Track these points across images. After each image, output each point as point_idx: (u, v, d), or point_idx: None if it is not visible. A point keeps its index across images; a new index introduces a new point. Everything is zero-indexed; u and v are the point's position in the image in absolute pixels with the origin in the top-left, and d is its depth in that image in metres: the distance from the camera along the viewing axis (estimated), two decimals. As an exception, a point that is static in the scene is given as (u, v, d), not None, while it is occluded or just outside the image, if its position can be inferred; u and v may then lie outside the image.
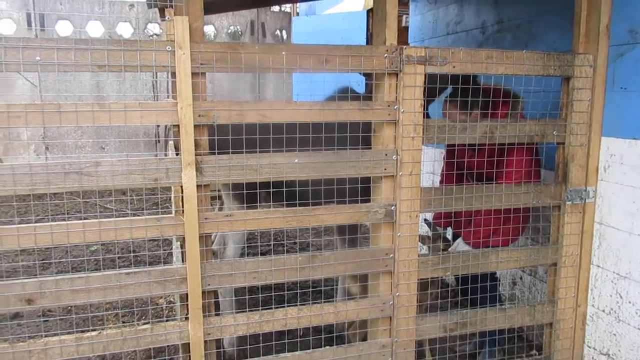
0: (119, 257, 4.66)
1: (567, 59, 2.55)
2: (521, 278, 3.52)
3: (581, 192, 2.66)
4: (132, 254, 4.58)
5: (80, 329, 2.18)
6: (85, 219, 2.09)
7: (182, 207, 2.12)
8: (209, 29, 9.26)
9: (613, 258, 2.62)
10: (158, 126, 8.20)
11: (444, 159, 3.25)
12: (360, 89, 3.17)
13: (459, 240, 2.85)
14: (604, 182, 2.65)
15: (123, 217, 2.12)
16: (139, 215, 2.16)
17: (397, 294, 2.45)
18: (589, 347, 2.78)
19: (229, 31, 9.35)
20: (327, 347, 2.44)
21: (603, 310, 2.69)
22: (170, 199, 2.74)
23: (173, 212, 2.15)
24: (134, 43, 2.02)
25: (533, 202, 2.61)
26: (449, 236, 3.13)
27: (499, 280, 3.02)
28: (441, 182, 3.22)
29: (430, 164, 4.20)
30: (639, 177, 2.46)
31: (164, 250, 4.50)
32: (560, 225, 2.68)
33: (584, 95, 2.60)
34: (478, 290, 2.72)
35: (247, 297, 2.35)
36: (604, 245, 2.66)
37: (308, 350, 2.40)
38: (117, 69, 2.02)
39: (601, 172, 2.66)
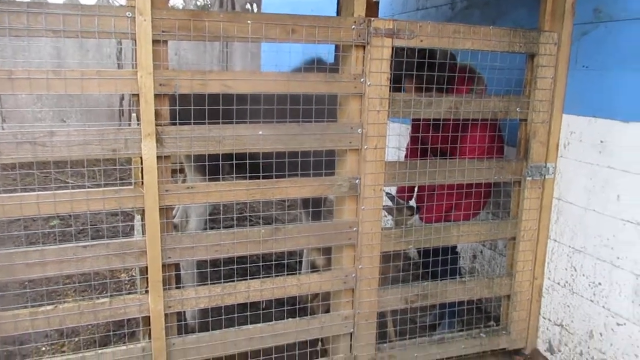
0: (79, 232, 4.55)
1: (532, 36, 2.57)
2: (481, 252, 3.61)
3: (541, 168, 2.72)
4: (89, 227, 4.48)
5: (38, 304, 2.12)
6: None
7: (142, 178, 2.07)
8: (177, 1, 8.98)
9: (569, 233, 2.69)
10: (122, 97, 7.96)
11: (409, 133, 3.26)
12: (331, 59, 3.13)
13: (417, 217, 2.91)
14: (563, 159, 2.71)
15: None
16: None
17: (360, 266, 2.47)
18: (544, 318, 2.88)
19: (198, 3, 9.09)
20: (290, 319, 2.45)
21: (558, 283, 2.78)
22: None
23: (132, 183, 2.09)
24: (92, 8, 1.93)
25: (495, 178, 2.66)
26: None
27: (459, 254, 3.08)
28: (406, 156, 3.23)
29: (395, 139, 4.21)
30: (597, 155, 2.52)
31: (128, 224, 4.42)
32: (520, 200, 2.74)
33: (548, 72, 2.63)
34: (439, 263, 2.77)
35: (209, 269, 2.32)
36: (561, 220, 2.74)
37: (271, 322, 2.41)
38: (74, 35, 1.93)
39: (561, 149, 2.72)
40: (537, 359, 2.89)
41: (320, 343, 2.68)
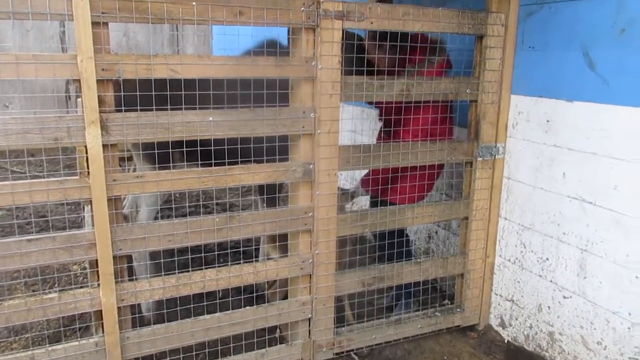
0: (27, 224, 4.37)
1: (480, 17, 2.60)
2: (436, 232, 3.68)
3: (491, 148, 2.77)
4: (33, 219, 4.31)
5: (1, 298, 2.03)
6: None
7: (88, 168, 1.99)
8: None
9: (518, 210, 2.77)
10: (68, 82, 7.64)
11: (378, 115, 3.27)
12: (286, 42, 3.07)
13: (359, 189, 2.95)
14: (512, 139, 2.77)
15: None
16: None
17: (316, 251, 2.47)
18: (496, 294, 2.97)
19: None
20: (248, 307, 2.44)
21: (509, 260, 2.86)
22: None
23: (78, 173, 2.01)
24: (24, -13, 1.82)
25: (447, 159, 2.70)
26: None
27: (407, 236, 3.11)
28: (377, 139, 3.23)
29: (351, 122, 4.22)
30: (543, 134, 2.59)
31: (79, 215, 4.27)
32: (471, 180, 2.80)
33: (496, 53, 2.67)
34: (392, 246, 2.81)
35: (162, 260, 2.27)
36: (511, 199, 2.81)
37: (228, 312, 2.39)
38: (5, 16, 1.82)
39: (510, 129, 2.78)
40: (490, 334, 2.98)
41: (278, 330, 2.68)
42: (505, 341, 2.91)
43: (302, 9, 2.21)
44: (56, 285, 3.34)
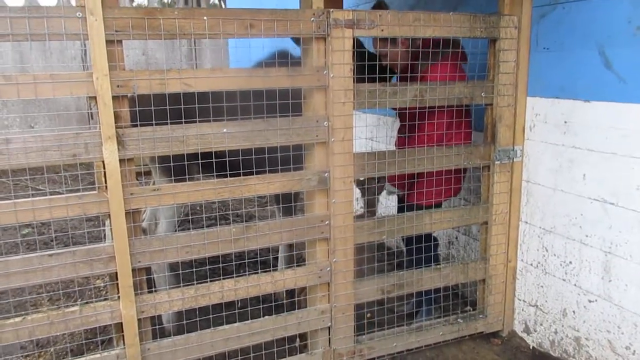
0: (50, 240, 4.46)
1: (492, 20, 2.58)
2: (457, 238, 3.64)
3: (509, 151, 2.74)
4: (54, 234, 4.40)
5: (14, 314, 2.07)
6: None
7: (105, 183, 2.02)
8: (141, 0, 8.82)
9: (539, 214, 2.73)
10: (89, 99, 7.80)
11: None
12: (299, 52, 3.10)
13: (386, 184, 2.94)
14: (530, 141, 2.74)
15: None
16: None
17: (334, 260, 2.46)
18: (519, 299, 2.92)
19: (165, 1, 8.95)
20: (267, 316, 2.44)
21: (531, 264, 2.81)
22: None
23: (96, 188, 2.05)
24: (40, 9, 1.88)
25: (464, 164, 2.67)
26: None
27: (436, 240, 3.09)
28: (395, 144, 3.24)
29: (367, 130, 4.22)
30: (561, 135, 2.55)
31: (102, 229, 4.35)
32: (490, 184, 2.76)
33: (510, 56, 2.64)
34: (418, 251, 2.79)
35: (180, 271, 2.30)
36: (531, 202, 2.77)
37: (247, 321, 2.39)
38: (23, 38, 1.87)
39: (527, 131, 2.74)
40: (514, 341, 2.92)
41: (298, 339, 2.67)
42: (531, 347, 2.85)
43: (312, 19, 2.23)
44: (79, 299, 3.39)
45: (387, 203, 4.17)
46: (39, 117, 7.87)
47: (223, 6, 9.08)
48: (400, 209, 3.00)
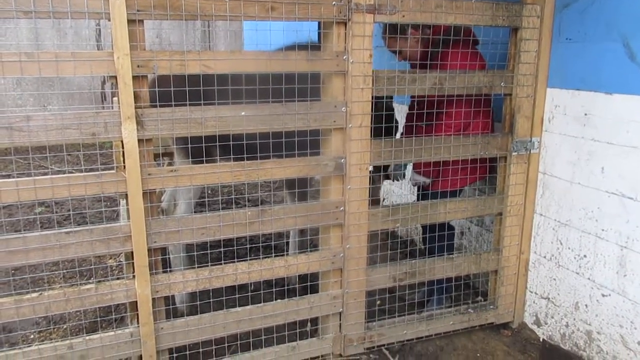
0: (65, 219, 4.50)
1: (515, 9, 2.54)
2: (469, 229, 3.62)
3: (526, 143, 2.71)
4: (70, 213, 4.43)
5: (24, 291, 2.10)
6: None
7: (124, 162, 2.03)
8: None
9: (555, 206, 2.71)
10: (104, 80, 7.83)
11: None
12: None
13: (410, 169, 2.92)
14: (548, 133, 2.71)
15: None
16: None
17: (347, 246, 2.47)
18: (531, 292, 2.91)
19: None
20: (279, 300, 2.45)
21: (544, 257, 2.80)
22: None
23: (114, 168, 2.06)
24: (63, -13, 1.87)
25: (481, 153, 2.65)
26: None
27: (453, 228, 3.08)
28: (402, 134, 3.21)
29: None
30: (580, 128, 2.52)
31: (114, 209, 4.38)
32: (506, 175, 2.74)
33: (531, 46, 2.61)
34: (435, 239, 2.79)
35: (195, 253, 2.31)
36: (547, 195, 2.75)
37: (259, 304, 2.41)
38: (46, 15, 1.87)
39: (546, 123, 2.72)
40: (525, 332, 2.92)
41: (309, 323, 2.69)
42: (541, 340, 2.85)
43: (334, 3, 2.21)
44: (92, 278, 3.43)
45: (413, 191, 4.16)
46: (52, 96, 7.90)
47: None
48: (424, 197, 2.98)
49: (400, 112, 3.64)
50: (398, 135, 3.17)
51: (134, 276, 2.15)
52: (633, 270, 2.33)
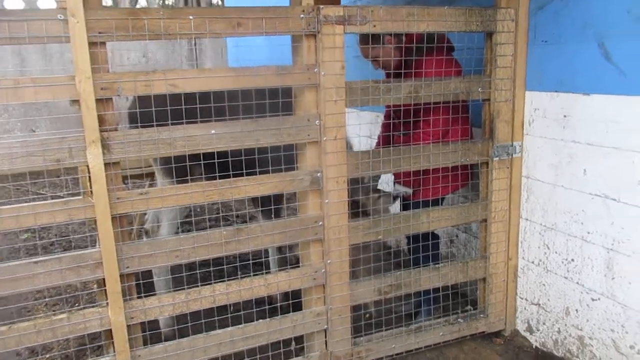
0: (51, 244, 4.44)
1: (489, 14, 2.51)
2: (457, 236, 3.57)
3: (508, 147, 2.67)
4: (42, 240, 4.38)
5: (11, 321, 2.04)
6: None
7: (90, 187, 1.98)
8: (142, 1, 8.79)
9: (540, 210, 2.66)
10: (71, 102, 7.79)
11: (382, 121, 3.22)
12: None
13: (395, 185, 2.87)
14: (529, 137, 2.67)
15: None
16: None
17: (328, 261, 2.41)
18: (521, 298, 2.85)
19: (160, 4, 8.91)
20: (261, 320, 2.39)
21: (532, 262, 2.75)
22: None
23: (81, 193, 2.01)
24: (20, 13, 1.84)
25: (461, 160, 2.61)
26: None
27: (438, 237, 3.03)
28: (377, 144, 3.18)
29: (366, 127, 4.16)
30: (561, 130, 2.48)
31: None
32: (488, 181, 2.70)
33: (507, 50, 2.57)
34: (420, 249, 2.74)
35: (184, 274, 2.25)
36: (531, 199, 2.70)
37: (240, 325, 2.34)
38: (5, 41, 1.84)
39: (526, 126, 2.68)
40: (517, 340, 2.86)
41: (294, 342, 2.62)
42: (534, 347, 2.79)
43: (302, 16, 2.17)
44: (77, 304, 3.36)
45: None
46: (40, 120, 7.87)
47: (222, 5, 9.03)
48: (406, 207, 2.92)
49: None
50: (374, 146, 3.13)
51: (107, 303, 2.09)
52: (621, 273, 2.28)
